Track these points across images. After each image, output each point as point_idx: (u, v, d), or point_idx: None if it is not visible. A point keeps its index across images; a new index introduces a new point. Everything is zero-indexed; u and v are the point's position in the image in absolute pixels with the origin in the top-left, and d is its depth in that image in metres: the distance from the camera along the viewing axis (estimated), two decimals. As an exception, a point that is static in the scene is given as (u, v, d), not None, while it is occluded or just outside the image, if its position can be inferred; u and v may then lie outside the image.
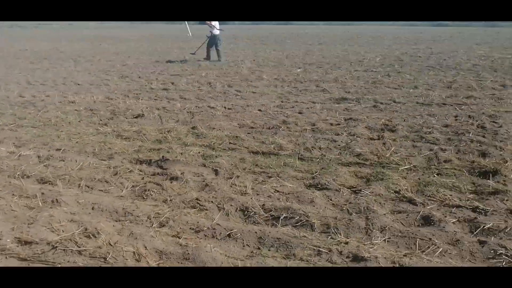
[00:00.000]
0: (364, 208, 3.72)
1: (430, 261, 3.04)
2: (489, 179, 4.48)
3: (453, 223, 3.55)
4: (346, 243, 3.22)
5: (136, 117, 7.16)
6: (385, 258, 3.04)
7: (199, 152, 5.22)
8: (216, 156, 5.06)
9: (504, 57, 15.42)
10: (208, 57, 15.07)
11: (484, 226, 3.47)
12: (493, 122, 6.78)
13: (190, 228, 3.47)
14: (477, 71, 12.03)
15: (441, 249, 3.19)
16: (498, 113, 7.33)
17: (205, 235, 3.39)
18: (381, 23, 49.27)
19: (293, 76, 11.49)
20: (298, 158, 5.01)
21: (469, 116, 7.14)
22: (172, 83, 10.54)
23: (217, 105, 8.00)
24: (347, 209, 3.75)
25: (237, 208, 3.79)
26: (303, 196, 3.94)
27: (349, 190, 4.15)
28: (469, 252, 3.19)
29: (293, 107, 7.88)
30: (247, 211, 3.73)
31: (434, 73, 11.74)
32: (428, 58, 15.69)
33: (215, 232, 3.41)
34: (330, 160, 4.97)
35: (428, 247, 3.23)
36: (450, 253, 3.15)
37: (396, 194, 4.03)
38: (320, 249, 3.15)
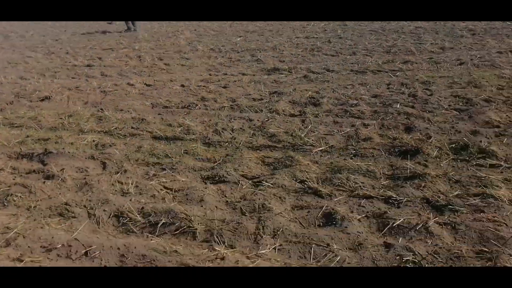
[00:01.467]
0: (259, 205, 3.07)
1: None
2: (410, 159, 3.91)
3: (359, 220, 2.95)
4: (223, 258, 2.56)
5: (42, 100, 6.25)
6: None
7: (93, 141, 4.44)
8: (111, 145, 4.30)
9: (447, 19, 14.92)
10: (128, 28, 14.06)
11: (393, 223, 2.88)
12: (426, 89, 6.22)
13: (41, 247, 2.74)
14: (418, 34, 11.48)
15: (339, 257, 2.60)
16: (432, 79, 6.78)
17: (58, 255, 2.68)
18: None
19: (231, 46, 10.66)
20: (204, 143, 4.30)
21: (402, 84, 6.56)
22: (99, 58, 9.55)
23: (137, 81, 7.15)
24: (240, 208, 3.10)
25: (111, 214, 3.08)
26: (193, 194, 3.27)
27: (250, 182, 3.49)
28: (371, 259, 2.60)
29: (219, 80, 7.11)
30: (122, 217, 3.02)
31: (376, 37, 11.12)
32: (373, 21, 15.04)
33: (70, 250, 2.70)
34: (240, 143, 4.28)
35: (325, 255, 2.62)
36: (349, 263, 2.55)
37: (301, 185, 3.40)
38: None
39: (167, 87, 6.63)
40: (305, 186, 3.38)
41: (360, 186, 3.40)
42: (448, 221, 2.95)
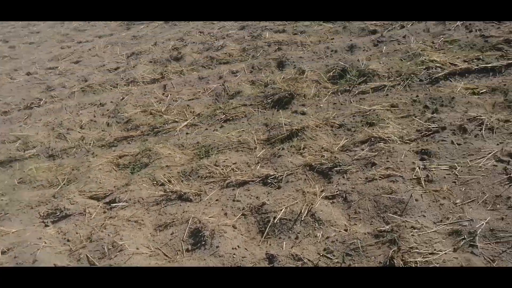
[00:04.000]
0: (109, 245, 2.24)
1: None
2: (285, 109, 3.18)
3: (234, 227, 2.23)
4: None
5: None
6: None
7: None
8: None
9: None
10: None
11: (274, 218, 2.18)
12: None
13: None
14: None
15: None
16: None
17: None
18: None
19: (86, 2, 9.01)
20: (47, 156, 3.33)
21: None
22: None
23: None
24: (87, 257, 2.25)
25: None
26: (23, 254, 2.37)
27: (100, 205, 2.62)
28: (253, 287, 1.90)
29: (72, 53, 5.84)
30: None
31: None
32: None
33: None
34: (91, 144, 3.33)
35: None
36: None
37: (163, 191, 2.58)
38: None
39: (8, 82, 5.29)
40: (168, 191, 2.57)
41: (232, 169, 2.66)
42: (338, 191, 2.31)
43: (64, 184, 2.91)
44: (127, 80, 4.33)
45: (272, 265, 1.97)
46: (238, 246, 2.10)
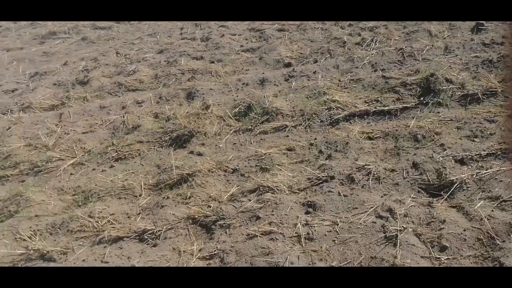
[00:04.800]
0: None
1: None
2: (183, 148, 2.99)
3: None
4: None
5: None
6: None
7: None
8: None
9: None
10: None
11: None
12: (221, 26, 5.26)
13: None
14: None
15: None
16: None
17: None
18: None
19: None
20: None
21: (196, 25, 5.52)
22: None
23: None
24: None
25: None
26: None
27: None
28: None
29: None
30: None
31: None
32: None
33: None
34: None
35: None
36: None
37: (24, 250, 2.30)
38: None
39: None
40: (30, 248, 2.28)
41: (109, 221, 2.41)
42: (216, 250, 2.13)
43: None
44: (22, 105, 3.98)
45: None
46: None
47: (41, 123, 3.55)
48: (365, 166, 2.41)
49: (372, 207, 2.17)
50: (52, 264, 2.20)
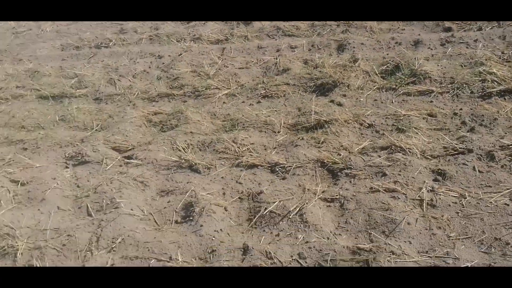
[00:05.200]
0: (108, 201, 2.46)
1: None
2: (325, 96, 3.15)
3: (226, 209, 2.34)
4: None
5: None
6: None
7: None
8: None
9: None
10: None
11: (265, 209, 2.25)
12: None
13: None
14: None
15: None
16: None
17: None
18: None
19: None
20: (94, 99, 3.61)
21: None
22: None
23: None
24: (87, 206, 2.50)
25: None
26: (36, 190, 2.62)
27: (118, 158, 2.86)
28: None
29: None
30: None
31: None
32: None
33: None
34: (135, 95, 3.56)
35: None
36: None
37: (177, 158, 2.74)
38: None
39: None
40: (182, 158, 2.72)
41: (248, 149, 2.72)
42: (338, 195, 2.30)
43: (95, 130, 3.16)
44: (193, 36, 4.45)
45: (244, 257, 2.04)
46: (221, 229, 2.19)
47: (206, 54, 3.97)
48: (510, 146, 2.29)
49: (508, 189, 2.09)
50: (195, 175, 2.58)
